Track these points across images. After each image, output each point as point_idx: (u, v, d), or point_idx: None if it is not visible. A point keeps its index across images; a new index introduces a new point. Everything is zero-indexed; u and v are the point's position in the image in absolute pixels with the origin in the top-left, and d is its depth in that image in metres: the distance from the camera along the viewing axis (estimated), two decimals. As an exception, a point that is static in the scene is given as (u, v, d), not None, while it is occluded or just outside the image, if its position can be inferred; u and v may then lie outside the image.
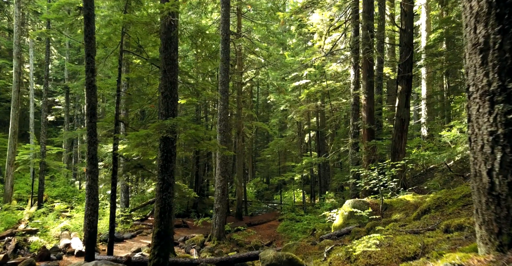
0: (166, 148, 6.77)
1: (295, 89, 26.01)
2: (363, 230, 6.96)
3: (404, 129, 12.13)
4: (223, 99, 14.36)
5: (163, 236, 6.55)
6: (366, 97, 12.61)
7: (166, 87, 6.97)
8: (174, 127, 6.43)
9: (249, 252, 8.17)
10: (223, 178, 14.26)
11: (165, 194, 6.73)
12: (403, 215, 7.24)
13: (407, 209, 7.57)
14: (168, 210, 6.71)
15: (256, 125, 25.25)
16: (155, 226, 6.61)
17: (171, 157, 6.85)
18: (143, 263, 7.87)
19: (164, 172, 6.78)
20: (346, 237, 7.43)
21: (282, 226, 18.08)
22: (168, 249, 6.59)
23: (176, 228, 17.32)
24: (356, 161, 12.83)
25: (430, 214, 5.17)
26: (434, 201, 5.55)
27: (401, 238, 3.71)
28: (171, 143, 6.82)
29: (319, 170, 25.12)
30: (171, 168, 6.84)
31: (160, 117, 6.92)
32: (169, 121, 6.36)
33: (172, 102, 6.97)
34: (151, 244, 6.60)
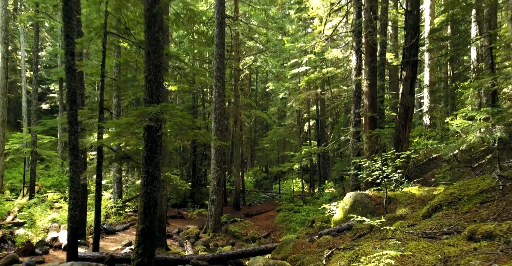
0: (150, 138, 6.17)
1: (294, 76, 25.28)
2: (366, 227, 6.42)
3: (408, 117, 11.51)
4: (218, 86, 13.70)
5: (148, 234, 6.01)
6: (368, 83, 11.95)
7: (150, 70, 6.32)
8: (158, 114, 5.82)
9: (243, 249, 7.66)
10: (219, 168, 13.72)
11: (150, 188, 6.16)
12: (409, 210, 6.69)
13: (413, 203, 7.02)
14: (153, 206, 6.15)
15: (254, 113, 24.62)
16: (139, 223, 6.06)
17: (156, 147, 6.25)
18: (128, 260, 7.36)
19: (148, 164, 6.20)
20: (347, 234, 6.90)
21: (280, 217, 17.64)
22: (153, 247, 6.06)
23: (171, 219, 16.88)
24: (357, 151, 12.25)
25: (443, 212, 4.61)
26: (446, 196, 4.98)
27: (414, 245, 3.15)
28: (156, 133, 6.21)
29: (319, 160, 24.60)
30: (156, 159, 6.25)
31: (145, 104, 6.30)
32: (152, 108, 5.75)
33: (157, 87, 6.33)
34: (134, 242, 6.07)
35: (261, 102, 41.41)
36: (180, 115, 6.08)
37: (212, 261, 7.55)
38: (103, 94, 8.50)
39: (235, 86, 21.02)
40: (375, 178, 8.01)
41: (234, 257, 7.53)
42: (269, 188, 30.77)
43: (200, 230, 14.04)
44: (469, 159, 10.38)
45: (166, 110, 5.95)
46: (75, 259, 7.14)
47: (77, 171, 7.45)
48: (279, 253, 6.81)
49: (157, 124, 5.80)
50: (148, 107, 5.88)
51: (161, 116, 5.82)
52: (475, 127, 6.99)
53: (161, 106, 5.84)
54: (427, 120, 22.46)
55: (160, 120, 5.98)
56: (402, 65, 11.62)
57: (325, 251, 4.61)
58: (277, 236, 14.98)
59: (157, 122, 5.87)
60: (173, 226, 15.50)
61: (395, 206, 7.39)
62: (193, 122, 6.26)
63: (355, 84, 12.61)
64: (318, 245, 6.46)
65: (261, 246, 7.59)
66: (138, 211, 6.13)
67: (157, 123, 5.83)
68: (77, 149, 7.40)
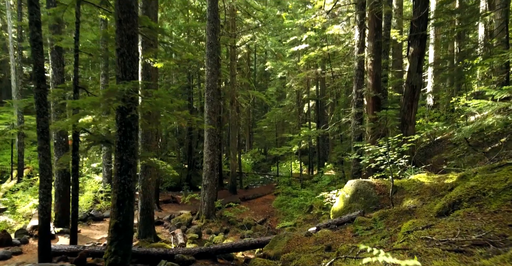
0: (124, 120, 5.35)
1: (293, 55, 24.18)
2: (369, 220, 5.69)
3: (415, 97, 10.66)
4: (211, 64, 12.75)
5: (122, 230, 5.29)
6: (372, 60, 11.02)
7: (123, 42, 5.43)
8: (130, 94, 4.98)
9: (233, 242, 6.98)
10: (212, 152, 12.96)
11: (124, 178, 5.39)
12: (418, 202, 5.95)
13: (422, 194, 6.28)
14: (128, 198, 5.40)
15: (252, 94, 23.67)
16: (112, 217, 5.33)
17: (131, 132, 5.44)
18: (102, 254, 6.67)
19: (122, 151, 5.40)
20: (348, 227, 6.18)
21: (278, 201, 17.05)
22: (128, 245, 5.35)
23: (164, 204, 16.29)
24: (358, 134, 11.45)
25: (464, 210, 3.84)
26: (466, 190, 4.21)
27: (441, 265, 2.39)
28: (132, 114, 5.39)
29: (318, 142, 23.86)
30: (131, 145, 5.46)
31: (117, 81, 5.45)
32: (122, 86, 4.90)
33: (131, 62, 5.46)
34: (107, 238, 5.36)
35: (260, 82, 40.30)
36: (157, 94, 5.24)
37: (200, 255, 6.89)
38: (77, 71, 7.60)
39: (231, 64, 20.01)
40: (379, 164, 7.25)
41: (223, 251, 6.87)
42: (267, 170, 30.20)
43: (193, 216, 13.43)
44: (480, 143, 9.60)
45: (139, 88, 5.10)
46: (47, 253, 6.46)
47: (48, 157, 6.66)
48: (272, 249, 6.12)
49: (125, 104, 4.96)
50: (118, 84, 5.02)
51: (134, 96, 4.97)
52: (495, 107, 6.18)
53: (134, 83, 4.99)
54: (431, 101, 21.58)
55: (133, 101, 5.14)
56: (410, 40, 10.67)
57: (324, 261, 3.87)
58: (273, 222, 14.40)
59: (129, 103, 5.04)
60: (165, 212, 14.90)
61: (401, 196, 6.66)
62: (171, 101, 5.42)
63: (357, 61, 11.67)
64: (315, 241, 5.76)
65: (252, 239, 6.91)
66: (111, 204, 5.39)
67: (126, 103, 4.99)
68: (46, 133, 6.58)
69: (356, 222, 5.86)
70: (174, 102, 5.37)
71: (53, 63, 10.40)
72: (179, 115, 5.68)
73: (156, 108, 5.32)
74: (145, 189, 9.92)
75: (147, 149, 9.81)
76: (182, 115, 5.73)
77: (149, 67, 9.78)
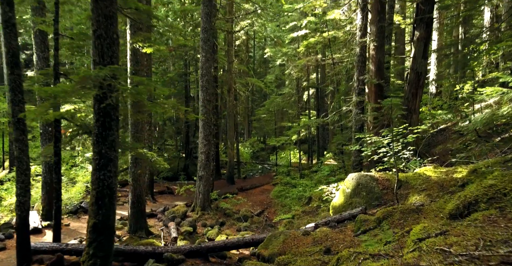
0: (102, 110, 4.82)
1: (293, 41, 23.45)
2: (372, 219, 5.23)
3: (420, 84, 10.13)
4: (205, 49, 12.13)
5: (102, 230, 4.83)
6: (375, 45, 10.41)
7: (100, 22, 4.86)
8: (107, 80, 4.44)
9: (225, 240, 6.55)
10: (207, 142, 12.46)
11: (103, 174, 4.90)
12: (425, 198, 5.48)
13: (429, 189, 5.80)
14: (109, 195, 4.93)
15: (250, 81, 23.03)
16: (90, 216, 4.86)
17: (110, 122, 4.92)
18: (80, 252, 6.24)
19: (101, 144, 4.89)
20: (348, 225, 5.73)
21: (276, 192, 16.63)
22: (109, 246, 4.89)
23: (159, 195, 15.88)
24: (360, 123, 10.94)
25: (483, 214, 3.36)
26: (484, 189, 3.72)
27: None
28: (109, 104, 4.87)
29: (318, 131, 23.34)
30: (111, 137, 4.94)
31: (93, 67, 4.91)
32: (97, 71, 4.36)
33: (109, 45, 4.90)
34: (85, 239, 4.90)
35: (259, 69, 39.54)
36: (138, 81, 4.70)
37: (190, 254, 6.46)
38: (57, 56, 7.03)
39: (228, 51, 19.33)
40: (382, 156, 6.76)
41: (215, 250, 6.43)
42: (266, 160, 29.78)
43: (188, 207, 13.01)
44: (489, 133, 9.09)
45: (118, 74, 4.56)
46: (25, 252, 6.03)
47: (25, 149, 6.17)
48: (266, 248, 5.68)
49: (100, 92, 4.42)
50: (93, 70, 4.48)
51: (111, 83, 4.44)
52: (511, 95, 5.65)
53: (111, 69, 4.44)
54: (433, 89, 21.00)
55: (112, 88, 4.60)
56: (415, 24, 10.06)
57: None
58: (271, 214, 14.01)
59: (105, 91, 4.50)
60: (160, 203, 14.50)
61: (406, 191, 6.18)
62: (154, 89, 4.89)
63: (359, 47, 11.06)
64: (313, 241, 5.31)
65: (246, 237, 6.47)
66: (89, 201, 4.91)
67: (105, 92, 4.46)
68: (23, 123, 6.07)
69: (357, 220, 5.39)
70: (158, 90, 4.83)
71: (36, 48, 9.81)
72: (164, 104, 5.16)
73: (137, 96, 4.78)
74: (136, 181, 9.46)
75: (137, 139, 9.31)
76: (168, 104, 5.22)
77: (138, 52, 9.20)
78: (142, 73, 9.35)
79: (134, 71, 9.25)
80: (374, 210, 6.06)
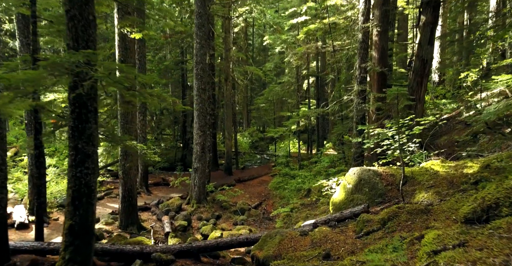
0: (78, 101, 4.34)
1: (292, 28, 22.75)
2: (376, 219, 4.79)
3: (426, 72, 9.61)
4: (200, 36, 11.55)
5: (79, 233, 4.40)
6: (378, 31, 9.85)
7: (73, 2, 4.33)
8: (80, 66, 3.94)
9: (218, 240, 6.14)
10: (203, 133, 11.98)
11: (80, 171, 4.45)
12: (433, 196, 5.03)
13: (438, 186, 5.36)
14: (87, 194, 4.48)
15: (248, 70, 22.41)
16: (66, 218, 4.43)
17: (88, 114, 4.44)
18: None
19: (77, 137, 4.42)
20: (349, 225, 5.30)
21: (274, 183, 16.25)
22: (87, 250, 4.47)
23: (154, 187, 15.48)
24: (361, 113, 10.43)
25: (507, 221, 2.91)
26: (505, 191, 3.27)
27: None
28: (86, 94, 4.38)
29: (318, 120, 22.84)
30: (89, 131, 4.47)
31: (68, 51, 4.40)
32: (68, 56, 3.85)
33: (84, 27, 4.39)
34: (61, 243, 4.47)
35: (258, 57, 38.80)
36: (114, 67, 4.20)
37: (180, 254, 6.06)
38: (36, 41, 6.50)
39: (225, 38, 18.69)
40: (385, 149, 6.30)
41: (206, 250, 6.03)
42: (265, 150, 29.34)
43: (183, 200, 12.63)
44: (498, 124, 8.61)
45: (94, 60, 4.06)
46: (3, 251, 5.62)
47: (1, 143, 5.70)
48: (261, 250, 5.26)
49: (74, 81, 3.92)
50: (63, 55, 3.98)
51: (84, 69, 3.93)
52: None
53: (85, 54, 3.93)
54: (436, 77, 20.45)
55: (85, 76, 4.10)
56: (421, 8, 9.47)
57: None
58: (269, 206, 13.64)
59: (77, 79, 4.00)
60: (154, 195, 14.11)
61: (412, 187, 5.74)
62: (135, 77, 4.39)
63: (362, 32, 10.47)
64: (311, 243, 4.89)
65: (240, 236, 6.06)
66: (65, 201, 4.46)
67: (76, 79, 3.96)
68: (-3, 114, 5.58)
69: (360, 220, 4.96)
70: (140, 78, 4.34)
71: (19, 33, 9.26)
72: (147, 94, 4.66)
73: (115, 85, 4.28)
74: (126, 175, 9.03)
75: (127, 131, 8.84)
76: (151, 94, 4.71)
77: (126, 38, 8.64)
78: (131, 60, 8.81)
79: (122, 58, 8.72)
80: (378, 208, 5.63)
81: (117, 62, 8.77)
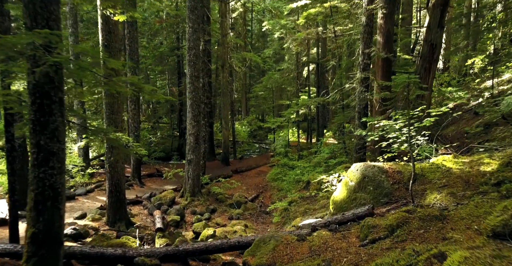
0: (39, 90, 3.72)
1: (292, 12, 21.84)
2: (383, 225, 4.23)
3: (434, 58, 8.94)
4: (193, 20, 10.82)
5: (44, 241, 3.84)
6: (384, 13, 9.12)
7: (29, -27, 3.69)
8: (37, 49, 3.31)
9: (206, 243, 5.60)
10: (196, 123, 11.37)
11: (43, 171, 3.87)
12: (447, 198, 4.46)
13: (452, 186, 4.78)
14: (52, 197, 3.91)
15: (246, 56, 21.64)
16: (29, 225, 3.87)
17: (51, 105, 3.83)
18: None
19: (39, 133, 3.82)
20: (352, 229, 4.74)
21: (273, 174, 15.72)
22: (55, 261, 3.91)
23: (147, 179, 14.96)
24: (364, 103, 9.80)
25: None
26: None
27: None
28: (49, 81, 3.76)
29: (318, 109, 22.17)
30: (53, 125, 3.86)
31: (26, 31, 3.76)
32: (19, 38, 3.22)
33: (45, 3, 3.71)
34: (23, 253, 3.91)
35: (257, 44, 37.87)
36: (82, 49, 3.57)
37: (166, 257, 5.53)
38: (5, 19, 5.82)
39: (221, 23, 17.88)
40: (392, 142, 5.70)
41: (194, 253, 5.50)
42: (264, 139, 28.74)
43: (177, 193, 12.10)
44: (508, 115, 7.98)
45: (54, 42, 3.42)
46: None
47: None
48: (254, 256, 4.73)
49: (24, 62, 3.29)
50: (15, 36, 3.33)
51: (37, 53, 3.30)
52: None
53: (41, 35, 3.29)
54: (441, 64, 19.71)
55: (43, 60, 3.47)
56: (431, -12, 8.73)
57: None
58: (266, 199, 13.14)
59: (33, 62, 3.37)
60: (148, 187, 13.59)
61: (422, 186, 5.16)
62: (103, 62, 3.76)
63: (366, 15, 9.74)
64: (309, 251, 4.34)
65: (231, 240, 5.51)
66: (27, 206, 3.88)
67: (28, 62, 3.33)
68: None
69: (364, 225, 4.40)
70: (110, 63, 3.70)
71: None
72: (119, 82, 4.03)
73: (78, 73, 3.65)
74: (113, 168, 8.46)
75: (112, 121, 8.23)
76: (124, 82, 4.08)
77: (110, 21, 7.95)
78: (116, 45, 8.13)
79: (106, 43, 8.04)
80: (383, 209, 5.07)
81: (100, 47, 8.10)
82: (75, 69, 3.61)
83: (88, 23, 19.98)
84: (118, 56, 8.76)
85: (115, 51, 8.18)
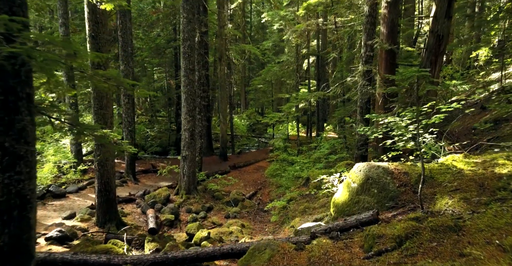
0: (2, 84, 3.29)
1: (291, 3, 21.31)
2: (390, 235, 3.81)
3: (441, 50, 8.43)
4: (187, 9, 10.32)
5: (11, 256, 3.42)
6: (388, 3, 8.63)
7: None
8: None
9: (197, 250, 5.20)
10: (191, 118, 10.93)
11: (9, 176, 3.44)
12: (461, 204, 4.04)
13: (465, 190, 4.36)
14: (19, 206, 3.50)
15: (244, 48, 21.09)
16: (-6, 237, 3.47)
17: (17, 103, 3.40)
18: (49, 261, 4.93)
19: (3, 133, 3.38)
20: (355, 238, 4.33)
21: (271, 170, 15.34)
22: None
23: (142, 175, 14.56)
24: (366, 97, 9.35)
25: None
26: None
27: None
28: (14, 75, 3.33)
29: (317, 102, 21.71)
30: (19, 124, 3.43)
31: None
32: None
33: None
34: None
35: (256, 36, 37.20)
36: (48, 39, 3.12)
37: (154, 265, 5.13)
38: None
39: (219, 14, 17.32)
40: (397, 140, 5.28)
41: (185, 261, 5.10)
42: (263, 133, 28.31)
43: (172, 190, 11.72)
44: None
45: (16, 29, 2.97)
46: None
47: None
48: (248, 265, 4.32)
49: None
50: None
51: None
52: None
53: (3, 20, 2.84)
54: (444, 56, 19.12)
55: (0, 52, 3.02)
56: (439, -25, 8.20)
57: None
58: (265, 196, 12.76)
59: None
60: (142, 184, 13.19)
61: (431, 190, 4.74)
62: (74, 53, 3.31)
63: (369, 5, 9.24)
64: (308, 262, 3.94)
65: (224, 247, 5.12)
66: (-7, 215, 3.46)
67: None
68: None
69: (369, 234, 3.99)
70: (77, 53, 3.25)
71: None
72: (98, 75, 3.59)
73: (43, 66, 3.21)
74: (102, 167, 8.04)
75: (101, 117, 7.79)
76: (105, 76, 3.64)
77: (97, 10, 7.46)
78: (104, 36, 7.65)
79: (93, 34, 7.56)
80: (389, 214, 4.66)
81: (87, 38, 7.63)
82: (39, 61, 3.16)
83: (81, 14, 19.42)
84: (107, 48, 8.28)
85: (103, 43, 7.70)
